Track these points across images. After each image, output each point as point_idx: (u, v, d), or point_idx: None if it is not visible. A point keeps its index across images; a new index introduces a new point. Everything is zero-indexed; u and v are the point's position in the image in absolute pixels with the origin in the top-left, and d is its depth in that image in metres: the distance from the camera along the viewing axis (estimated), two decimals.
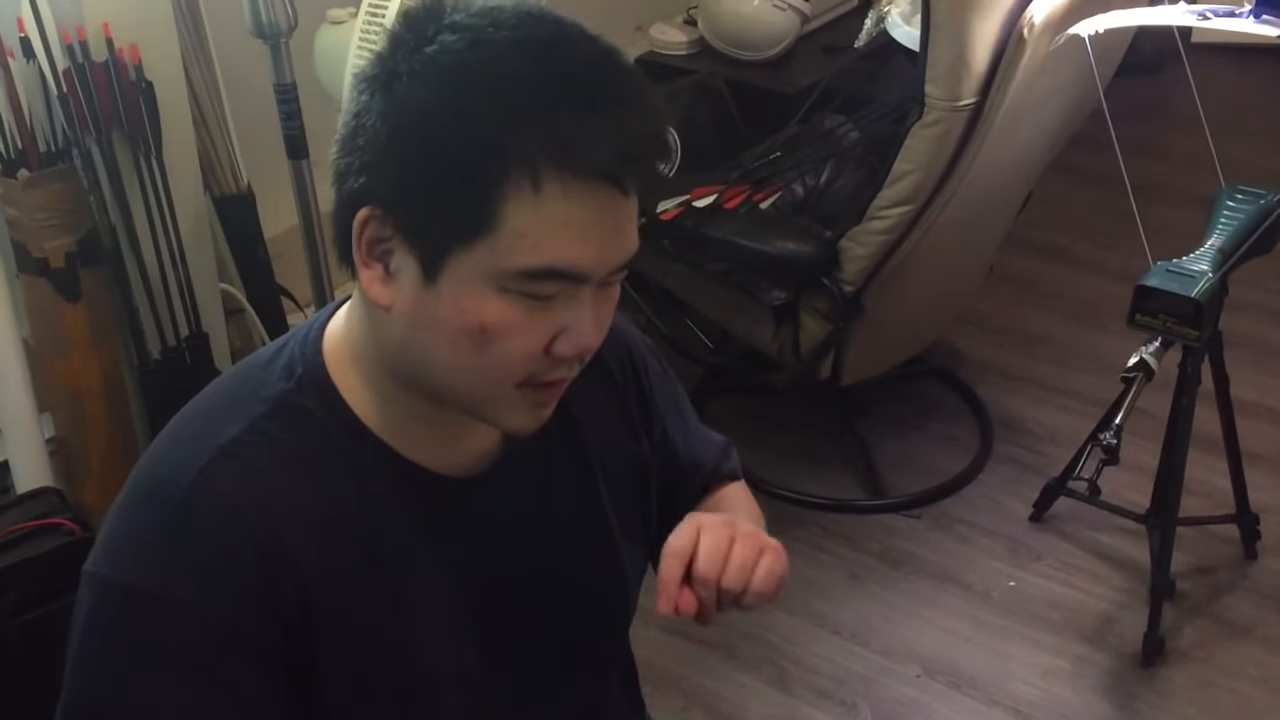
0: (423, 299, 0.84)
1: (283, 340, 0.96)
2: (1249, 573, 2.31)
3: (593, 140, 0.80)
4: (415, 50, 0.83)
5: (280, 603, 0.87)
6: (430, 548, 0.94)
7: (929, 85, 2.01)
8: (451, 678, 0.96)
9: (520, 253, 0.81)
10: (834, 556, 2.37)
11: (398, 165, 0.82)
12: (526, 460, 0.99)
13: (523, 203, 0.80)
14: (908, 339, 2.61)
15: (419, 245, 0.83)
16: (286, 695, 0.89)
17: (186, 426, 0.93)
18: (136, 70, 1.96)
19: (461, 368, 0.86)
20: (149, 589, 0.86)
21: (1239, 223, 2.02)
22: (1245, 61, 4.06)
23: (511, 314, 0.83)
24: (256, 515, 0.87)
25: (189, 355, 2.13)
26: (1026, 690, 2.09)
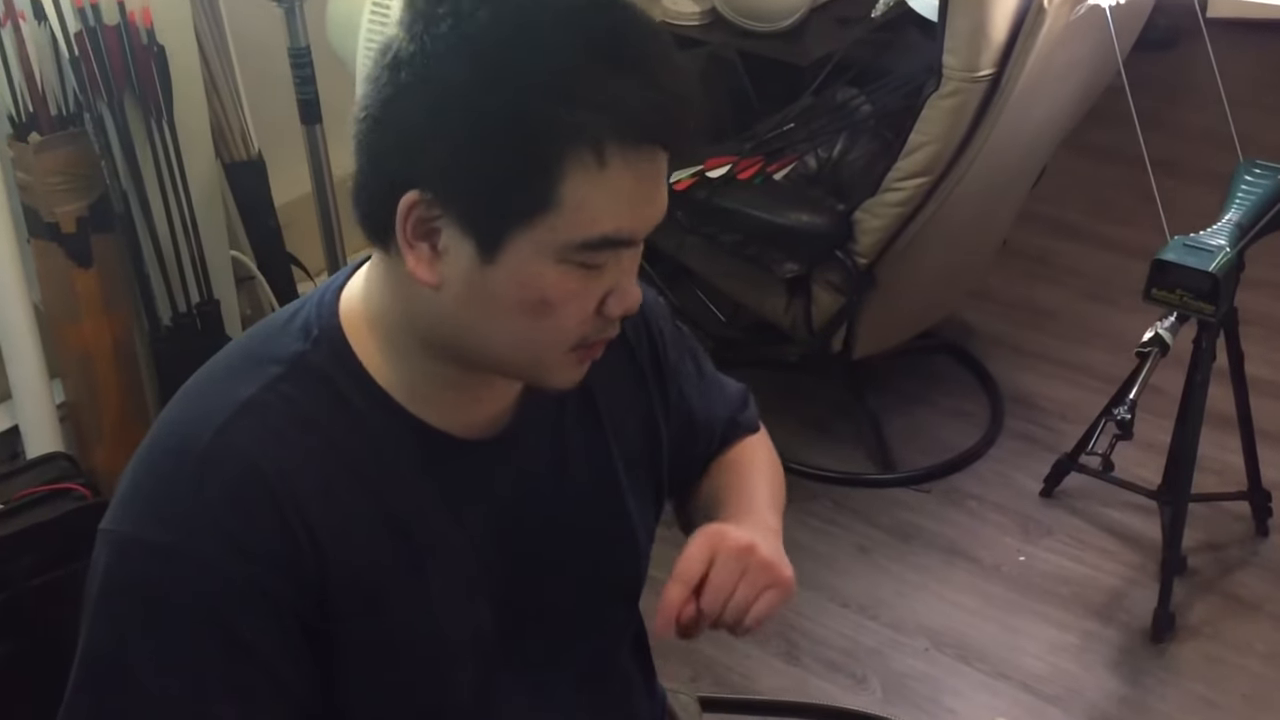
0: (479, 277, 0.84)
1: (299, 303, 0.95)
2: (1260, 550, 2.31)
3: (643, 107, 0.81)
4: (439, 22, 0.82)
5: (299, 562, 0.87)
6: (446, 510, 0.94)
7: (947, 55, 2.00)
8: (466, 642, 0.96)
9: (581, 225, 0.82)
10: (844, 530, 2.37)
11: (446, 148, 0.82)
12: (540, 422, 0.99)
13: (582, 176, 0.81)
14: (920, 313, 2.60)
15: (475, 226, 0.83)
16: (302, 657, 0.89)
17: (204, 385, 0.92)
18: (148, 34, 1.94)
19: (520, 339, 0.87)
20: (168, 545, 0.85)
21: (1257, 198, 2.01)
22: (1261, 37, 4.03)
23: (569, 283, 0.85)
24: (275, 474, 0.86)
25: (200, 322, 2.13)
26: (1035, 665, 2.09)
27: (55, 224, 1.99)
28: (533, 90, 0.80)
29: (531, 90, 0.80)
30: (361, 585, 0.89)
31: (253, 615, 0.86)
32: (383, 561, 0.90)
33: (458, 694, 0.97)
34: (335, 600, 0.88)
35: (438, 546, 0.93)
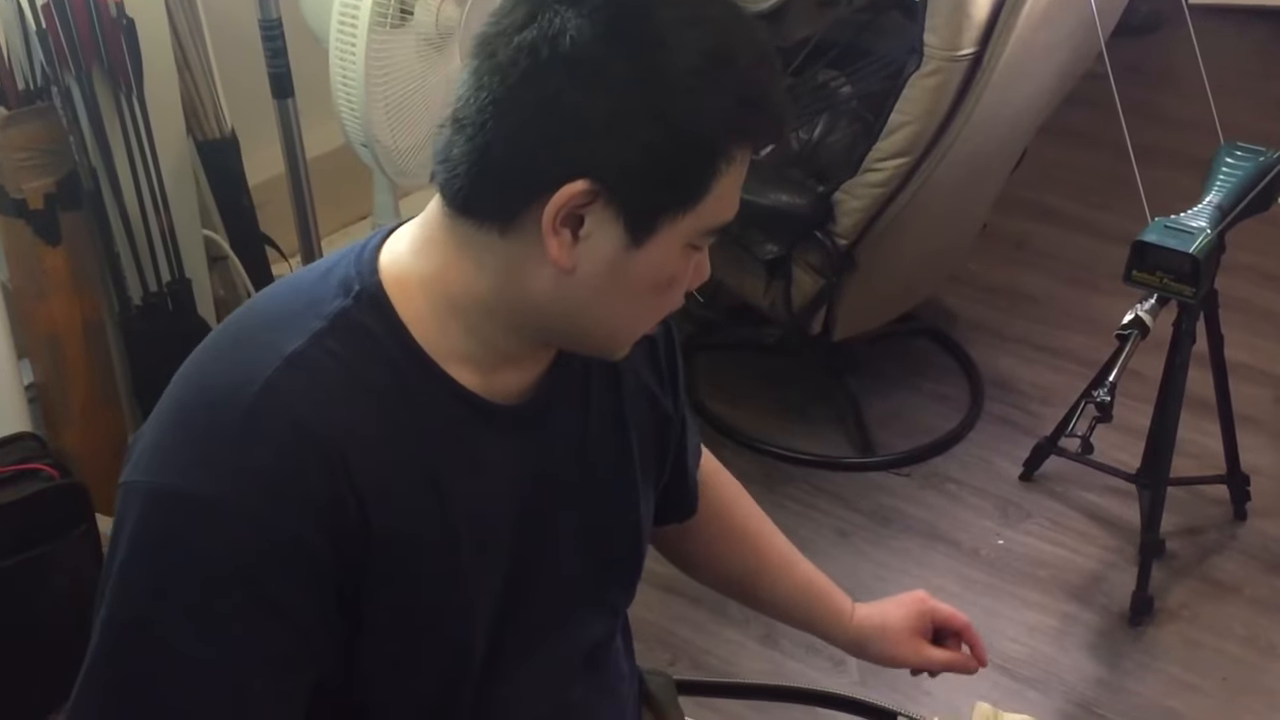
0: (622, 260, 0.87)
1: (331, 260, 0.94)
2: (1238, 533, 2.31)
3: (776, 109, 0.88)
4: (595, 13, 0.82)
5: (342, 520, 0.85)
6: (475, 474, 0.93)
7: (928, 34, 1.98)
8: (485, 608, 0.96)
9: (716, 214, 0.88)
10: (823, 514, 2.36)
11: (630, 143, 0.83)
12: (568, 395, 0.99)
13: (726, 171, 0.86)
14: (900, 295, 2.59)
15: (633, 214, 0.85)
16: (333, 622, 0.87)
17: (241, 338, 0.90)
18: (117, 6, 1.91)
19: (641, 316, 0.93)
20: (214, 498, 0.83)
21: (1237, 180, 2.00)
22: (1243, 23, 4.04)
23: (685, 262, 0.90)
24: (323, 429, 0.85)
25: (171, 301, 2.10)
26: (1014, 648, 2.08)
27: (22, 200, 1.95)
28: (704, 91, 0.83)
29: (703, 91, 0.83)
30: (398, 544, 0.88)
31: (291, 575, 0.84)
32: (419, 521, 0.89)
33: (472, 662, 0.96)
34: (372, 558, 0.87)
35: (468, 510, 0.93)
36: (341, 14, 1.76)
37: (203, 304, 2.17)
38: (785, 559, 1.28)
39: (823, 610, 1.28)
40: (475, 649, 0.96)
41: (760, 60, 0.86)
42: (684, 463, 1.16)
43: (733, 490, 1.28)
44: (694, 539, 1.25)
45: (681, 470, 1.16)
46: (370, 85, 1.77)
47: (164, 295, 2.09)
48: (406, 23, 1.80)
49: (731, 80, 0.84)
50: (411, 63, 1.82)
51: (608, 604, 1.09)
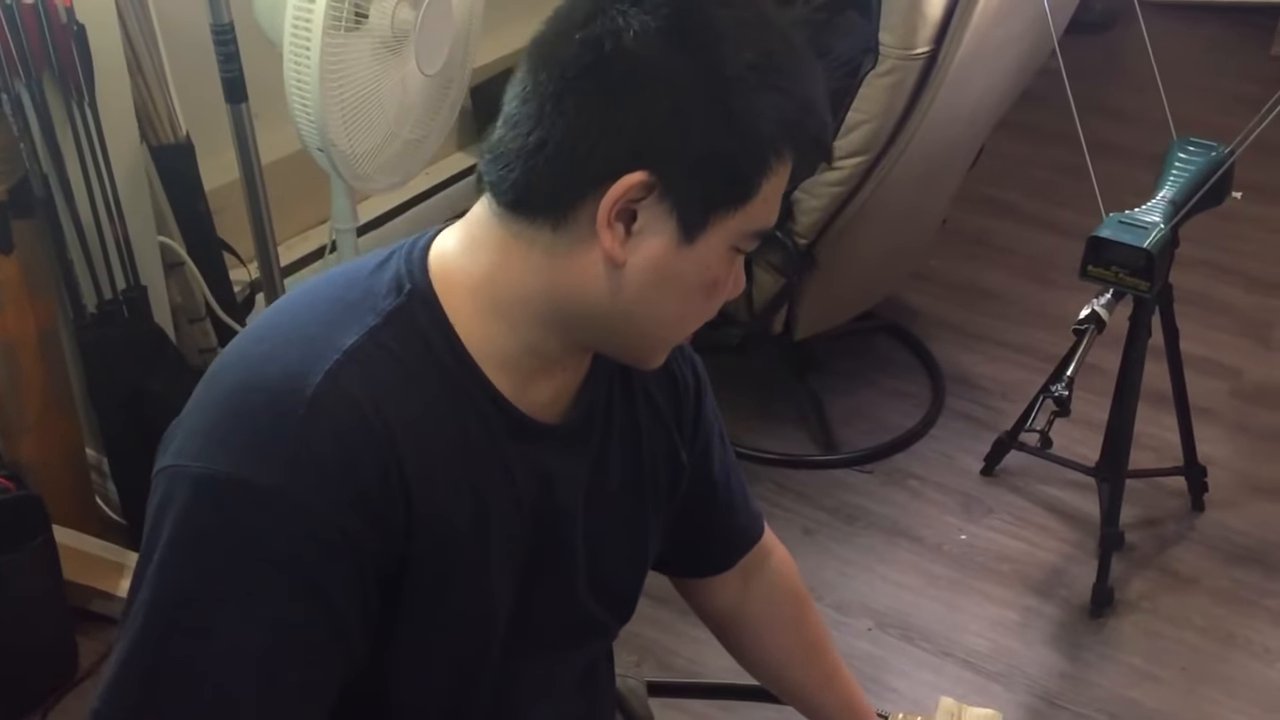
0: (672, 258, 0.88)
1: (382, 255, 0.94)
2: (1196, 525, 2.34)
3: (820, 109, 0.89)
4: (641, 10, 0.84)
5: (391, 515, 0.85)
6: (507, 483, 0.94)
7: (884, 33, 1.99)
8: (502, 615, 0.96)
9: (761, 217, 0.89)
10: (787, 512, 2.36)
11: (679, 136, 0.84)
12: (593, 419, 1.00)
13: (774, 173, 0.87)
14: (861, 293, 2.60)
15: (688, 210, 0.86)
16: (371, 616, 0.87)
17: (296, 328, 0.89)
18: (68, 12, 1.88)
19: (686, 317, 0.93)
20: (270, 487, 0.82)
21: (1190, 175, 2.02)
22: (1195, 19, 4.09)
23: (729, 266, 0.91)
24: (379, 422, 0.85)
25: (126, 309, 2.07)
26: (977, 642, 2.10)
27: None
28: (760, 88, 0.84)
29: (759, 88, 0.84)
30: (437, 541, 0.88)
31: (341, 569, 0.84)
32: (458, 520, 0.90)
33: (489, 664, 0.97)
34: (413, 553, 0.87)
35: (500, 517, 0.93)
36: (295, 17, 1.75)
37: (159, 311, 2.15)
38: (835, 672, 1.28)
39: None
40: (494, 652, 0.96)
41: (805, 60, 0.88)
42: (707, 514, 1.17)
43: (804, 599, 1.29)
44: (763, 645, 1.27)
45: (704, 522, 1.17)
46: (325, 89, 1.75)
47: (119, 303, 2.07)
48: (361, 26, 1.79)
49: (785, 80, 0.85)
50: (367, 66, 1.81)
51: (603, 628, 1.10)
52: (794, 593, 1.27)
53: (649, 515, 1.07)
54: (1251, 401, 2.64)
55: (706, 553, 1.21)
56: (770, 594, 1.25)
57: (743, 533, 1.22)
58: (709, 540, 1.20)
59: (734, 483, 1.19)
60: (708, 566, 1.22)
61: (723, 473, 1.17)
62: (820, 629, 1.29)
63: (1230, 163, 2.01)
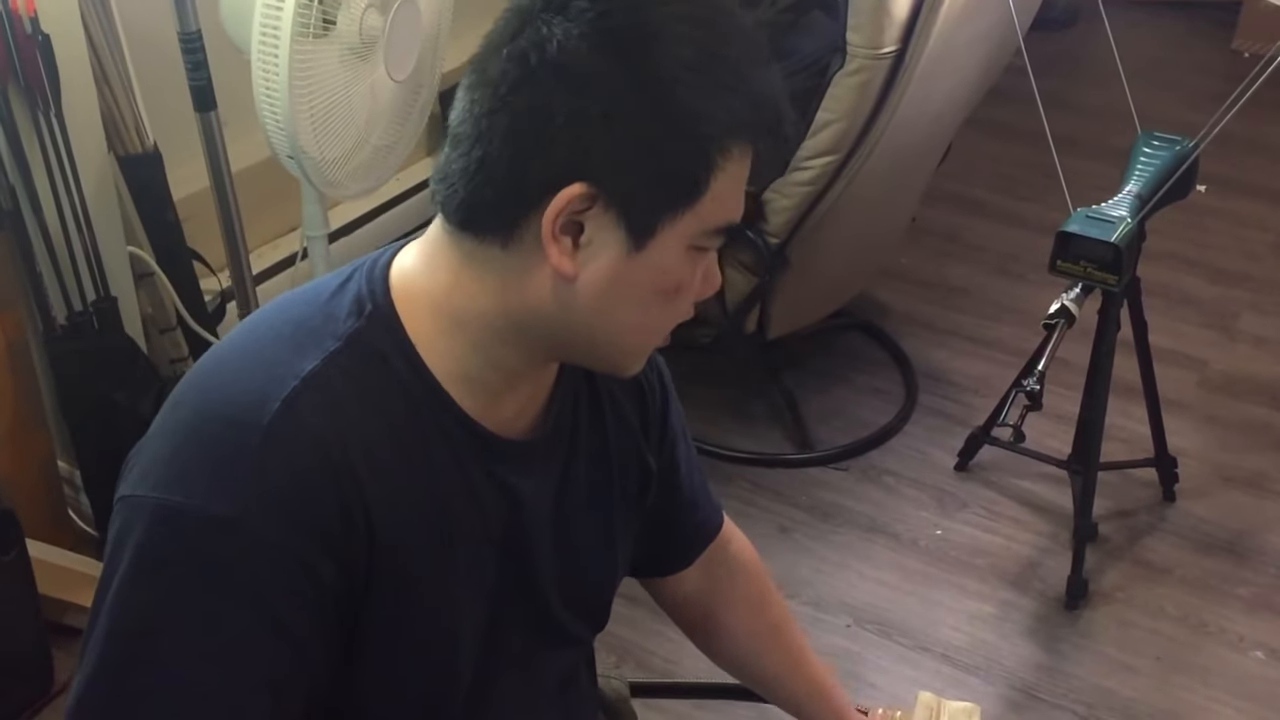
0: (623, 266, 0.86)
1: (342, 274, 0.93)
2: (1168, 515, 2.36)
3: (773, 102, 0.86)
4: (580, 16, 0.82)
5: (350, 543, 0.85)
6: (473, 502, 0.93)
7: (851, 33, 2.00)
8: (469, 638, 0.96)
9: (718, 213, 0.86)
10: (763, 510, 2.37)
11: (623, 142, 0.83)
12: (559, 435, 0.99)
13: (725, 168, 0.85)
14: (832, 291, 2.61)
15: (632, 216, 0.85)
16: (333, 644, 0.87)
17: (255, 354, 0.88)
18: (32, 22, 1.87)
19: (648, 326, 0.91)
20: (227, 519, 0.81)
21: (1155, 169, 2.04)
22: (1157, 15, 4.13)
23: (693, 268, 0.89)
24: (338, 451, 0.84)
25: (96, 320, 2.06)
26: (954, 636, 2.11)
27: None
28: (698, 86, 0.83)
29: (697, 86, 0.83)
30: (400, 567, 0.88)
31: (300, 599, 0.83)
32: (421, 546, 0.89)
33: (458, 688, 0.96)
34: (375, 582, 0.87)
35: (466, 539, 0.93)
36: (263, 25, 1.74)
37: (129, 322, 2.13)
38: (802, 654, 1.27)
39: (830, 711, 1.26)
40: (462, 676, 0.96)
41: (754, 53, 0.86)
42: (672, 515, 1.16)
43: (765, 581, 1.28)
44: (730, 630, 1.26)
45: (668, 522, 1.16)
46: (294, 96, 1.75)
47: (89, 314, 2.05)
48: (329, 32, 1.78)
49: (726, 73, 0.83)
50: (336, 73, 1.80)
51: (578, 639, 1.10)
52: (755, 575, 1.27)
53: (619, 524, 1.07)
54: (1219, 392, 2.67)
55: (671, 551, 1.20)
56: (732, 579, 1.25)
57: (704, 527, 1.22)
58: (673, 539, 1.19)
59: (696, 480, 1.19)
60: (672, 564, 1.22)
61: (688, 474, 1.17)
62: (784, 610, 1.29)
63: (1195, 156, 2.03)
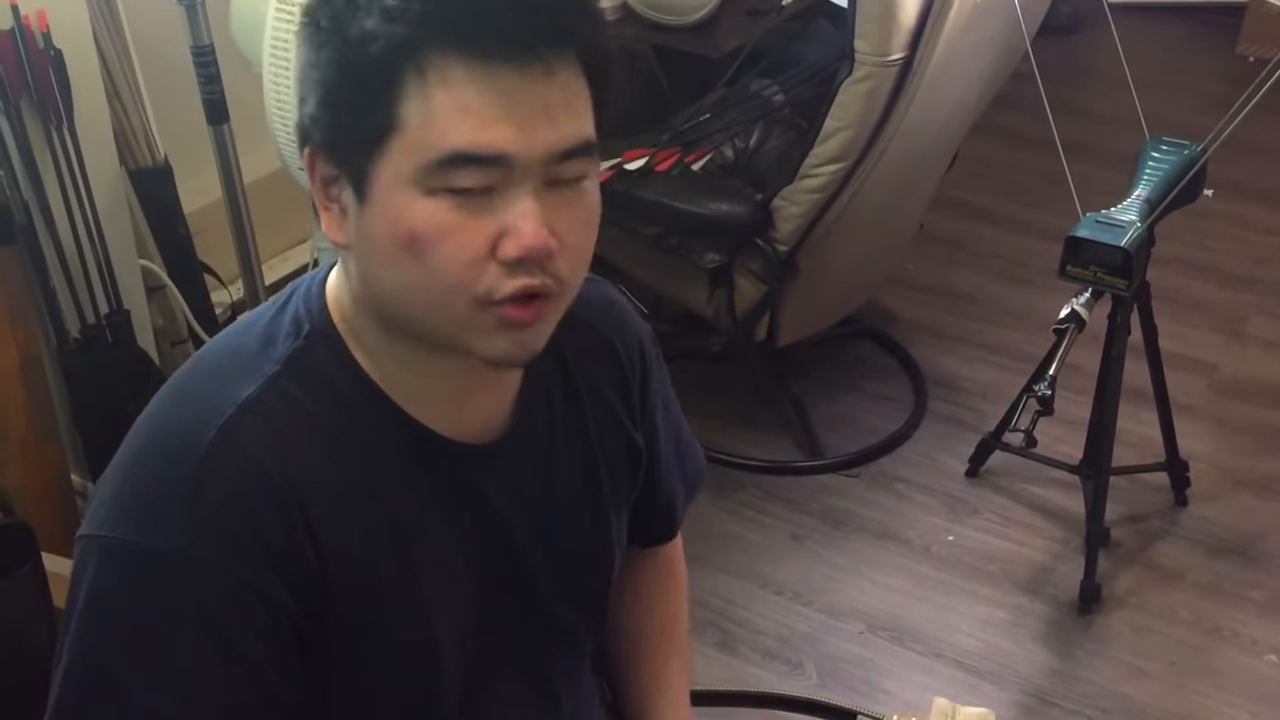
0: (362, 223, 0.83)
1: (283, 297, 0.93)
2: (1180, 519, 2.36)
3: (478, 15, 0.78)
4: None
5: (301, 567, 0.84)
6: (437, 513, 0.92)
7: (858, 41, 2.01)
8: (453, 644, 0.95)
9: (430, 143, 0.79)
10: (774, 518, 2.37)
11: (315, 93, 0.82)
12: (533, 431, 0.98)
13: (419, 93, 0.78)
14: (841, 298, 2.62)
15: (346, 165, 0.82)
16: (294, 667, 0.86)
17: (197, 386, 0.89)
18: (45, 38, 1.88)
19: (409, 286, 0.83)
20: (167, 551, 0.82)
21: (1164, 173, 2.05)
22: (1163, 20, 4.13)
23: (442, 216, 0.80)
24: (279, 475, 0.84)
25: (110, 333, 2.07)
26: (967, 642, 2.11)
27: None
28: (365, 13, 0.78)
29: (363, 13, 0.78)
30: (359, 587, 0.87)
31: (251, 625, 0.83)
32: (380, 563, 0.88)
33: (441, 700, 0.95)
34: (333, 603, 0.86)
35: (431, 550, 0.91)
36: (274, 38, 1.75)
37: (142, 335, 2.15)
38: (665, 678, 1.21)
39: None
40: (444, 688, 0.95)
41: None
42: (653, 494, 1.13)
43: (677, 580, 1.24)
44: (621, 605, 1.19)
45: (651, 499, 1.13)
46: None
47: (102, 327, 2.06)
48: None
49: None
50: None
51: (577, 633, 1.09)
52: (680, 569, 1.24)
53: (610, 511, 1.05)
54: (1229, 396, 2.67)
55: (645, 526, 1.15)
56: (656, 564, 1.22)
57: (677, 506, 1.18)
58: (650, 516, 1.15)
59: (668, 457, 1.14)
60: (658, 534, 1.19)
61: (666, 442, 1.13)
62: (675, 616, 1.24)
63: (1203, 160, 2.03)
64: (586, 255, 0.87)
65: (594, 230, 0.87)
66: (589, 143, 0.83)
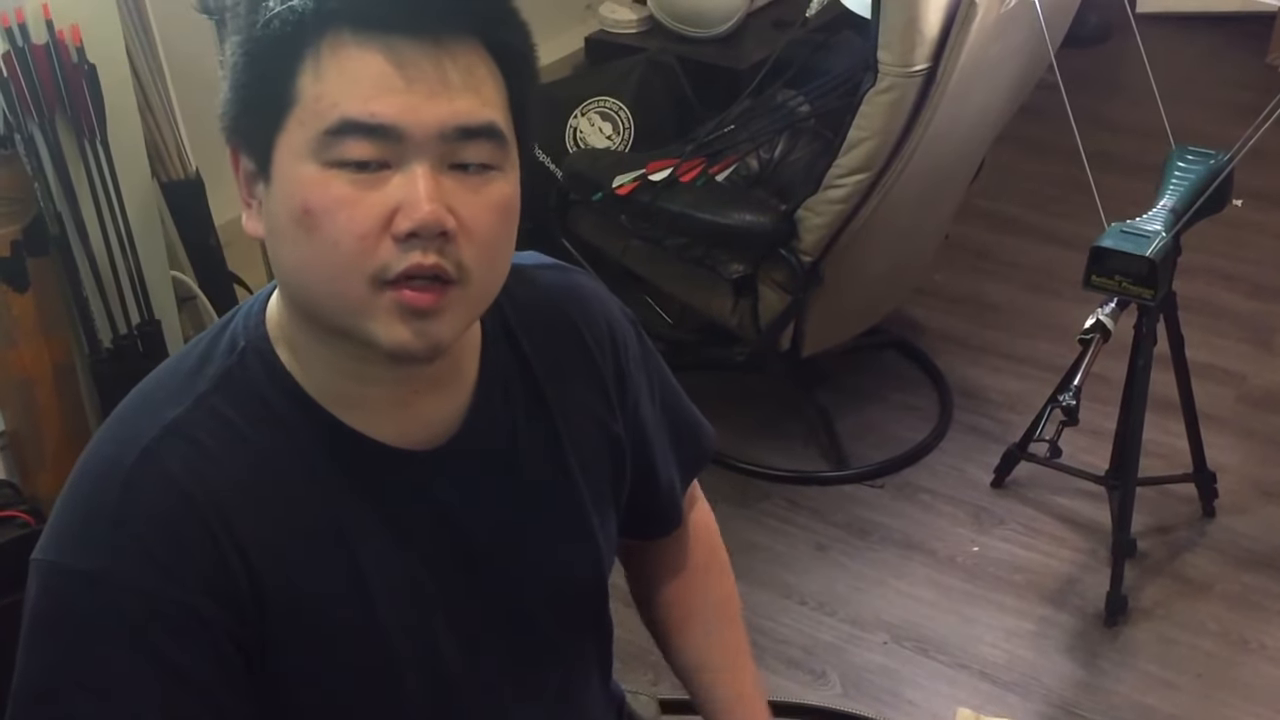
0: (268, 204, 0.84)
1: (226, 318, 0.93)
2: (1207, 530, 2.34)
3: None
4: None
5: (231, 584, 0.85)
6: (386, 524, 0.91)
7: (882, 51, 2.01)
8: (418, 658, 0.93)
9: (321, 113, 0.79)
10: (799, 528, 2.37)
11: (227, 81, 0.84)
12: (488, 433, 0.96)
13: (313, 65, 0.80)
14: (866, 309, 2.62)
15: (253, 149, 0.83)
16: (240, 682, 0.87)
17: (131, 408, 0.90)
18: (78, 52, 1.92)
19: (305, 263, 0.82)
20: (94, 572, 0.83)
21: (1190, 183, 2.04)
22: (1189, 30, 4.11)
23: (335, 189, 0.80)
24: (204, 495, 0.84)
25: (141, 343, 2.10)
26: (993, 653, 2.10)
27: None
28: (245, 5, 0.81)
29: (244, 5, 0.81)
30: (301, 603, 0.87)
31: (187, 641, 0.84)
32: (321, 579, 0.88)
33: (411, 712, 0.94)
34: (274, 620, 0.86)
35: (380, 562, 0.90)
36: None
37: (173, 345, 2.17)
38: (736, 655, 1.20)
39: None
40: (410, 706, 0.94)
41: None
42: (650, 484, 1.10)
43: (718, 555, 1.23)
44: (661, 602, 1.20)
45: (648, 490, 1.10)
46: None
47: (134, 337, 2.09)
48: None
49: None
50: None
51: (573, 636, 1.06)
52: (707, 544, 1.22)
53: (588, 511, 1.02)
54: (1258, 406, 2.65)
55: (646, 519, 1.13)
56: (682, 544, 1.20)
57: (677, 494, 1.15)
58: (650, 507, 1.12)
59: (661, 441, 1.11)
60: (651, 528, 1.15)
61: (657, 432, 1.10)
62: (728, 593, 1.22)
63: (1229, 170, 2.03)
64: (497, 246, 0.86)
65: (506, 223, 0.86)
66: (493, 127, 0.83)
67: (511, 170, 0.85)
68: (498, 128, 0.83)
